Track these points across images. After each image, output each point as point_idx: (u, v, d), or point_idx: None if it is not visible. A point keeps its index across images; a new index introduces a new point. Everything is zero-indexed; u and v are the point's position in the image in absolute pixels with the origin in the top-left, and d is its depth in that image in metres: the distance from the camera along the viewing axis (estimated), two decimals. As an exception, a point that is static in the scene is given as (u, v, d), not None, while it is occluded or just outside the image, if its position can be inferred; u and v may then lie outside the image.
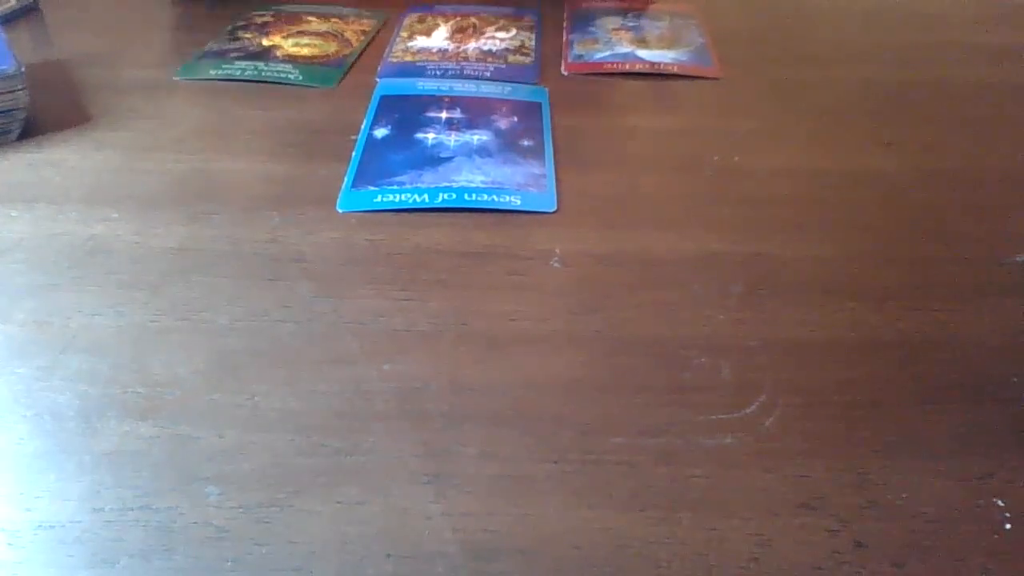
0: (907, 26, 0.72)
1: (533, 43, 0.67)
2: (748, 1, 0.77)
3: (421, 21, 0.70)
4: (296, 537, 0.30)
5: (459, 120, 0.55)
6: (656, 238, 0.45)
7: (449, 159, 0.50)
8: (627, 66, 0.63)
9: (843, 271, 0.43)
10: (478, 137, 0.53)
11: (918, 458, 0.33)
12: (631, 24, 0.70)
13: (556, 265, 0.43)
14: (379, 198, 0.47)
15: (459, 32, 0.68)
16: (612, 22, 0.70)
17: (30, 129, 0.53)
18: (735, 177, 0.50)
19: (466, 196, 0.47)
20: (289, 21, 0.70)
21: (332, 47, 0.66)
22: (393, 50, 0.65)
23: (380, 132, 0.53)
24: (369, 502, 0.31)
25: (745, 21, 0.72)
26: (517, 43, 0.66)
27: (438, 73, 0.61)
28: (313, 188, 0.48)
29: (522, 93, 0.59)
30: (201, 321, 0.39)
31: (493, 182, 0.48)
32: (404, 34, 0.68)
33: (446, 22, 0.70)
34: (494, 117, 0.55)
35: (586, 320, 0.39)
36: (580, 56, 0.65)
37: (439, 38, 0.67)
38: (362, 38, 0.67)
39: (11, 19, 0.69)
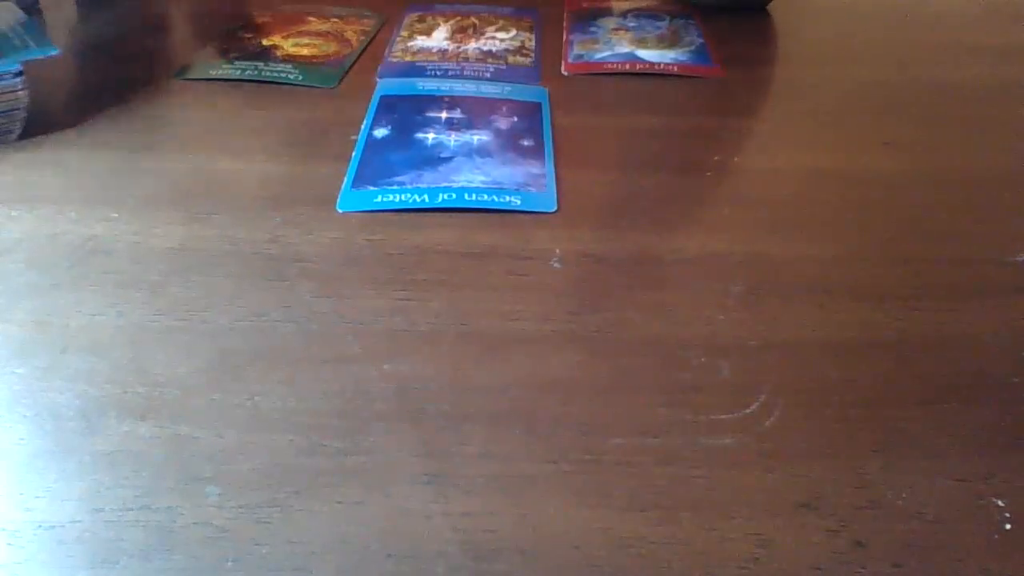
0: (907, 26, 0.72)
1: (533, 43, 0.67)
2: (748, 1, 0.77)
3: (421, 21, 0.70)
4: (296, 537, 0.30)
5: (459, 120, 0.55)
6: (656, 238, 0.45)
7: (449, 159, 0.50)
8: (627, 66, 0.63)
9: (843, 271, 0.43)
10: (478, 137, 0.53)
11: (918, 458, 0.33)
12: (631, 24, 0.70)
13: (556, 265, 0.43)
14: (379, 198, 0.47)
15: (459, 32, 0.68)
16: (612, 22, 0.70)
17: (30, 129, 0.53)
18: (735, 177, 0.50)
19: (466, 196, 0.47)
20: (289, 21, 0.70)
21: (332, 47, 0.66)
22: (393, 50, 0.65)
23: (380, 132, 0.53)
24: (369, 502, 0.31)
25: (744, 21, 0.72)
26: (517, 43, 0.66)
27: (438, 73, 0.61)
28: (313, 188, 0.48)
29: (522, 93, 0.59)
30: (201, 321, 0.39)
31: (493, 182, 0.48)
32: (404, 34, 0.68)
33: (446, 22, 0.70)
34: (494, 117, 0.55)
35: (586, 320, 0.39)
36: (580, 56, 0.65)
37: (439, 38, 0.67)
38: (362, 38, 0.67)
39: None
